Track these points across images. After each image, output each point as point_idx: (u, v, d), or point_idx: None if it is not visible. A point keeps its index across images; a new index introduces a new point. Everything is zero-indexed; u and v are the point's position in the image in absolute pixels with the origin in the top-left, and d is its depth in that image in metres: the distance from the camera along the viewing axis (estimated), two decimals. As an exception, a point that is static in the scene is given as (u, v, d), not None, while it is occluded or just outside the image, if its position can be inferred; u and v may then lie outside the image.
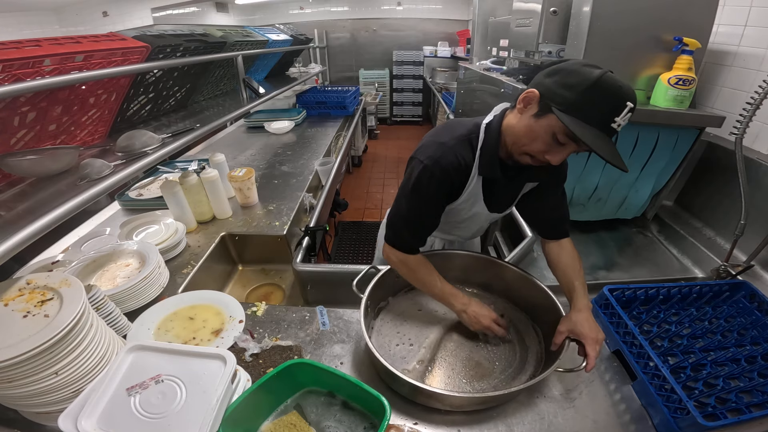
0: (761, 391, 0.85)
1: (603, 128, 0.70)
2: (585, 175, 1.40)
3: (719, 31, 1.36)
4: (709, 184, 1.45)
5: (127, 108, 1.43)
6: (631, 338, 0.92)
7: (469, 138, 0.88)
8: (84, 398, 0.72)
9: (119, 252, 1.21)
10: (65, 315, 0.71)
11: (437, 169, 0.85)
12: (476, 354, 0.97)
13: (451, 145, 0.87)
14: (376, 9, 5.67)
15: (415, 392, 0.82)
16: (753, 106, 1.07)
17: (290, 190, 1.87)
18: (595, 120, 0.69)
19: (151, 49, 1.26)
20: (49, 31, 4.62)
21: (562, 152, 0.76)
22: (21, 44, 0.88)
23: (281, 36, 2.73)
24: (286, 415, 0.79)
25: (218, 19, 5.15)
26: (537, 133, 0.76)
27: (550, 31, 1.40)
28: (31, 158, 0.97)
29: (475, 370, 0.93)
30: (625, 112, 0.68)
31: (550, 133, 0.74)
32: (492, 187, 0.94)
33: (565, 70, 0.72)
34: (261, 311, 1.10)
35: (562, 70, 0.72)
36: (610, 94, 0.68)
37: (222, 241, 1.51)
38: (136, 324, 1.02)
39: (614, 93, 0.68)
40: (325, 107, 3.46)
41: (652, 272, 1.34)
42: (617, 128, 0.69)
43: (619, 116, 0.68)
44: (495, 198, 0.97)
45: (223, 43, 1.82)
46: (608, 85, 0.68)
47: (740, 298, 1.10)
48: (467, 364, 0.94)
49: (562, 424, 0.80)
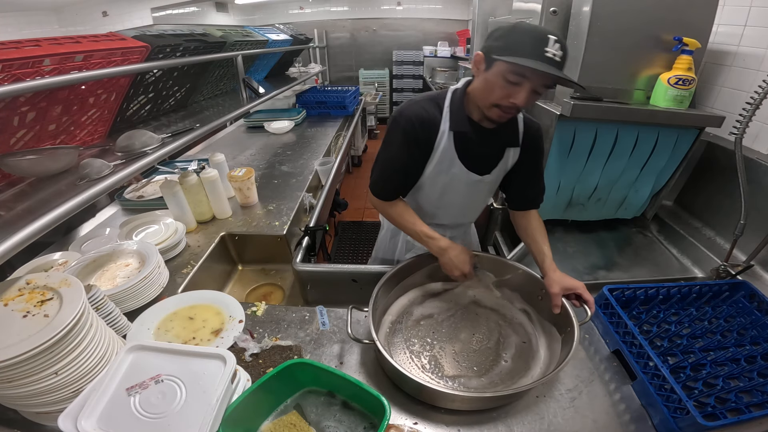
0: (761, 391, 0.85)
1: (540, 58, 0.79)
2: (585, 175, 1.40)
3: (719, 31, 1.36)
4: (709, 184, 1.45)
5: (127, 108, 1.43)
6: (631, 338, 0.92)
7: (436, 98, 0.99)
8: (84, 398, 0.72)
9: (119, 252, 1.21)
10: (65, 315, 0.71)
11: (402, 118, 0.96)
12: (484, 350, 0.97)
13: (418, 100, 0.99)
14: (376, 9, 5.67)
15: (421, 391, 0.82)
16: (753, 106, 1.07)
17: (290, 190, 1.87)
18: (528, 53, 0.79)
19: (151, 49, 1.26)
20: (49, 31, 4.61)
21: (520, 91, 0.84)
22: (21, 44, 0.88)
23: (281, 36, 2.73)
24: (286, 415, 0.79)
25: (218, 19, 5.15)
26: (492, 82, 0.86)
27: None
28: (31, 158, 0.97)
29: (482, 367, 0.93)
30: (553, 43, 0.78)
31: (501, 77, 0.84)
32: (466, 144, 1.00)
33: (494, 30, 0.87)
34: (261, 311, 1.10)
35: (493, 32, 0.87)
36: (528, 31, 0.82)
37: (222, 241, 1.51)
38: (136, 324, 1.02)
39: (531, 30, 0.82)
40: (324, 107, 3.46)
41: (651, 272, 1.34)
42: (554, 57, 0.79)
43: (548, 46, 0.78)
44: (471, 155, 1.02)
45: (223, 43, 1.82)
46: (524, 26, 0.84)
47: (740, 298, 1.10)
48: (474, 360, 0.94)
49: (562, 424, 0.81)
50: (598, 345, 1.01)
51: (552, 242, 1.48)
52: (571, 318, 0.90)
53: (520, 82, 0.83)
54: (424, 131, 0.97)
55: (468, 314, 1.09)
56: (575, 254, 1.43)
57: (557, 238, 1.54)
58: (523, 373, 0.92)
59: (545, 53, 0.78)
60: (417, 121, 0.96)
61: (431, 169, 1.03)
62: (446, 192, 1.09)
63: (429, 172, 1.04)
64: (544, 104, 1.37)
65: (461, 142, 1.00)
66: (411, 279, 1.14)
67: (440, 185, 1.07)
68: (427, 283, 1.18)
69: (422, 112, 0.96)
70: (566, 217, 1.56)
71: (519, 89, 0.83)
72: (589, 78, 1.21)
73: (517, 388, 0.80)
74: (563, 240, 1.52)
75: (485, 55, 0.86)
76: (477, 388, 0.88)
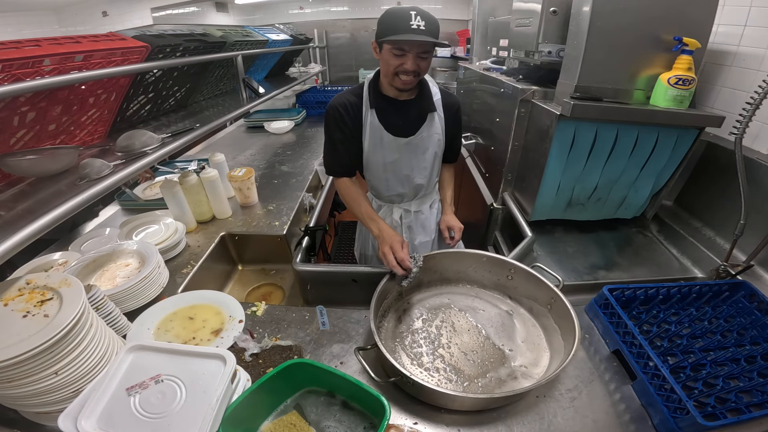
0: (761, 390, 0.85)
1: (407, 31, 1.01)
2: (585, 175, 1.40)
3: (719, 31, 1.36)
4: (709, 184, 1.45)
5: (127, 108, 1.43)
6: (631, 338, 0.92)
7: (354, 90, 1.25)
8: (84, 398, 0.72)
9: (119, 252, 1.21)
10: (65, 315, 0.71)
11: (329, 108, 1.23)
12: (487, 350, 0.97)
13: (342, 94, 1.25)
14: (376, 9, 5.65)
15: (421, 391, 0.82)
16: (753, 106, 1.07)
17: (290, 190, 1.87)
18: (400, 30, 1.01)
19: (151, 48, 1.26)
20: (49, 31, 4.61)
21: (406, 58, 1.07)
22: (21, 44, 0.88)
23: (281, 36, 2.73)
24: (286, 415, 0.79)
25: (218, 19, 5.14)
26: (386, 59, 1.10)
27: (550, 31, 1.40)
28: (31, 158, 0.97)
29: (485, 363, 0.93)
30: (415, 17, 1.00)
31: (389, 53, 1.08)
32: (388, 116, 1.23)
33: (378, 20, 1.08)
34: (261, 311, 1.10)
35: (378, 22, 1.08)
36: (395, 12, 1.03)
37: (222, 241, 1.51)
38: (136, 324, 1.02)
39: (397, 11, 1.02)
40: (324, 107, 3.44)
41: (651, 272, 1.33)
42: (419, 27, 1.01)
43: (412, 21, 1.00)
44: (394, 124, 1.24)
45: (223, 43, 1.82)
46: (392, 9, 1.04)
47: (740, 298, 1.10)
48: (477, 362, 0.94)
49: (562, 424, 0.80)
50: (598, 345, 1.01)
51: (552, 242, 1.50)
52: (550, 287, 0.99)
53: (403, 53, 1.06)
54: (348, 114, 1.22)
55: (468, 312, 1.09)
56: (575, 254, 1.43)
57: (557, 238, 1.54)
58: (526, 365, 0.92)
59: (410, 26, 1.00)
60: (341, 107, 1.21)
61: (367, 143, 1.26)
62: (386, 160, 1.29)
63: (366, 147, 1.27)
64: (544, 104, 1.37)
65: (384, 116, 1.22)
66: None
67: (380, 156, 1.28)
68: (426, 283, 1.18)
69: (343, 101, 1.22)
70: (566, 217, 1.56)
71: (405, 58, 1.07)
72: (589, 78, 1.21)
73: (517, 389, 0.80)
74: (563, 240, 1.52)
75: (376, 42, 1.11)
76: (479, 385, 0.89)
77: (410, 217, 1.44)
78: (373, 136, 1.24)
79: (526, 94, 1.45)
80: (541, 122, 1.40)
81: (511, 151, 1.56)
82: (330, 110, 1.22)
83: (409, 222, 1.45)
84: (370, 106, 1.21)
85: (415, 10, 1.00)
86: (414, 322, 1.07)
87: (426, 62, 1.10)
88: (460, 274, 1.19)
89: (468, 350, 0.98)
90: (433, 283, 1.19)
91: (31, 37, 0.95)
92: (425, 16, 1.02)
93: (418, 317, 1.08)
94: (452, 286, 1.20)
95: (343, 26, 5.80)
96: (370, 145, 1.26)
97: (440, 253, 1.15)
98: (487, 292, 1.18)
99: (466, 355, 0.97)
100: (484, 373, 0.92)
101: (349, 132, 1.24)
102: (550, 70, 1.51)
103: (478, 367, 0.94)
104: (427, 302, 1.14)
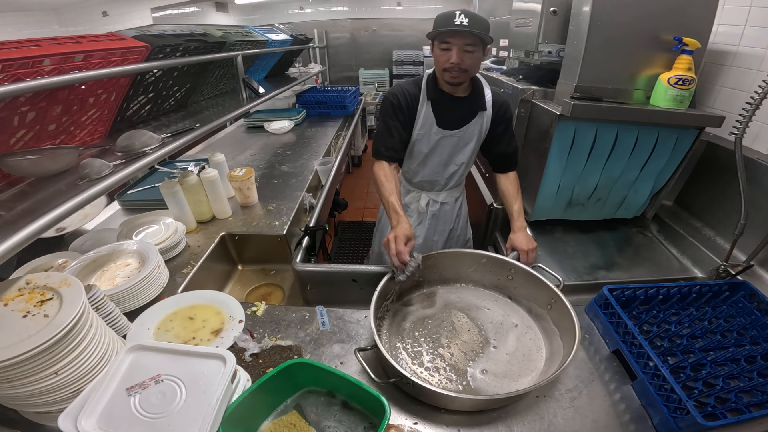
0: (761, 390, 0.85)
1: (451, 26, 1.10)
2: (585, 175, 1.40)
3: (719, 31, 1.36)
4: (709, 184, 1.45)
5: (127, 108, 1.43)
6: (631, 338, 0.92)
7: (415, 81, 1.34)
8: (84, 398, 0.72)
9: (119, 252, 1.21)
10: (65, 315, 0.71)
11: (388, 94, 1.32)
12: (487, 351, 0.97)
13: (401, 83, 1.34)
14: (376, 9, 5.66)
15: (422, 392, 0.82)
16: (753, 106, 1.07)
17: (290, 190, 1.87)
18: (443, 25, 1.12)
19: (151, 48, 1.26)
20: (49, 31, 4.61)
21: (451, 53, 1.15)
22: (20, 44, 0.88)
23: (281, 36, 2.73)
24: (286, 415, 0.79)
25: (218, 19, 5.15)
26: (436, 54, 1.20)
27: (550, 31, 1.40)
28: (31, 158, 0.97)
29: (484, 362, 0.93)
30: (459, 15, 1.10)
31: (438, 48, 1.19)
32: (442, 110, 1.32)
33: None
34: (261, 311, 1.10)
35: None
36: (444, 13, 1.13)
37: (222, 241, 1.51)
38: (136, 324, 1.02)
39: (446, 13, 1.13)
40: (324, 107, 3.45)
41: (651, 272, 1.33)
42: (462, 23, 1.09)
43: (456, 18, 1.09)
44: (445, 118, 1.32)
45: (223, 43, 1.82)
46: (443, 12, 1.14)
47: (740, 298, 1.10)
48: (476, 356, 0.94)
49: (562, 424, 0.80)
50: (598, 345, 1.01)
51: (552, 242, 1.50)
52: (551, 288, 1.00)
53: (449, 47, 1.15)
54: (406, 101, 1.29)
55: (468, 312, 1.09)
56: (575, 254, 1.43)
57: (557, 238, 1.54)
58: (525, 364, 0.93)
59: (454, 23, 1.10)
60: (401, 96, 1.30)
61: (417, 131, 1.34)
62: (430, 149, 1.38)
63: (415, 135, 1.35)
64: (544, 104, 1.37)
65: (438, 109, 1.31)
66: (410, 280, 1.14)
67: (425, 144, 1.37)
68: (426, 283, 1.18)
69: (402, 90, 1.31)
70: (566, 217, 1.56)
71: (450, 52, 1.15)
72: (589, 78, 1.21)
73: (517, 390, 0.80)
74: (563, 240, 1.52)
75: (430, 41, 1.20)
76: (480, 385, 0.89)
77: (436, 207, 1.53)
78: (424, 126, 1.33)
79: (526, 94, 1.45)
80: (541, 122, 1.40)
81: (510, 151, 1.56)
82: (389, 96, 1.31)
83: (435, 211, 1.54)
84: (427, 98, 1.30)
85: (460, 10, 1.10)
86: (414, 322, 1.07)
87: (471, 56, 1.16)
88: (460, 274, 1.19)
89: (468, 350, 0.98)
90: (433, 283, 1.19)
91: (31, 37, 0.95)
92: (470, 15, 1.09)
93: (418, 317, 1.08)
94: (452, 286, 1.20)
95: (343, 26, 5.80)
96: (419, 134, 1.35)
97: (440, 253, 1.15)
98: (487, 292, 1.18)
99: (466, 355, 0.97)
100: (486, 369, 0.92)
101: (404, 119, 1.31)
102: (550, 70, 1.51)
103: (478, 363, 0.93)
104: (428, 302, 1.14)
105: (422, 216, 1.55)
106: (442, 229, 1.59)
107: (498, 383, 0.90)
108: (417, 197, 1.54)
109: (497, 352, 0.98)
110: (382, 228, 1.70)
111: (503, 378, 0.91)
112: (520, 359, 0.97)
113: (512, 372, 0.93)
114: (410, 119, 1.32)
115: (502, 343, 1.01)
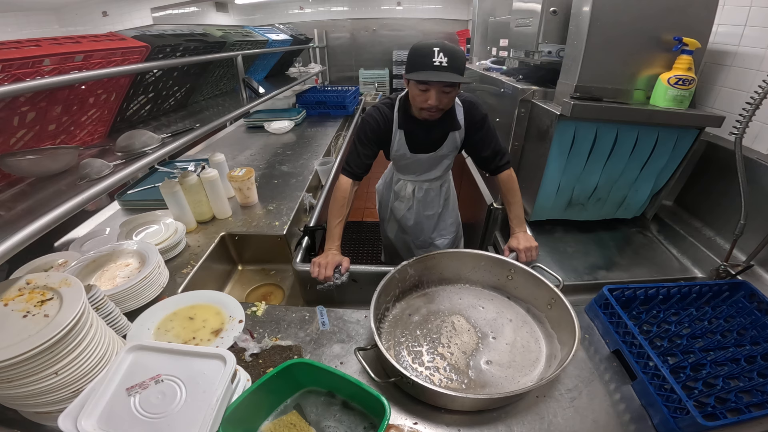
0: (761, 390, 0.85)
1: (430, 68, 1.06)
2: (585, 175, 1.40)
3: (719, 31, 1.36)
4: (709, 184, 1.44)
5: (127, 108, 1.43)
6: (631, 338, 0.92)
7: (389, 104, 1.34)
8: (84, 398, 0.72)
9: (119, 252, 1.21)
10: (65, 315, 0.71)
11: (368, 116, 1.33)
12: (488, 349, 0.97)
13: (378, 105, 1.35)
14: (376, 9, 5.66)
15: (422, 392, 0.82)
16: (753, 105, 1.07)
17: (290, 190, 1.87)
18: (423, 66, 1.07)
19: (151, 48, 1.26)
20: (49, 31, 4.61)
21: (428, 94, 1.14)
22: (20, 44, 0.88)
23: (281, 36, 2.73)
24: (286, 415, 0.79)
25: (218, 19, 5.14)
26: (413, 94, 1.19)
27: (550, 31, 1.40)
28: (31, 158, 0.97)
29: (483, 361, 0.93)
30: (437, 53, 1.04)
31: (415, 88, 1.15)
32: (414, 137, 1.36)
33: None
34: (261, 311, 1.10)
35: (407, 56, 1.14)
36: (419, 48, 1.08)
37: (222, 241, 1.51)
38: (136, 324, 1.02)
39: (422, 47, 1.07)
40: (324, 107, 3.45)
41: (651, 272, 1.33)
42: (442, 64, 1.05)
43: (434, 57, 1.04)
44: (418, 143, 1.38)
45: (223, 43, 1.82)
46: (418, 45, 1.09)
47: (740, 298, 1.10)
48: (477, 356, 0.94)
49: (562, 424, 0.81)
50: (598, 345, 1.01)
51: (552, 242, 1.50)
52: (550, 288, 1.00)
53: (427, 89, 1.13)
54: (386, 125, 1.32)
55: (468, 312, 1.09)
56: (575, 254, 1.43)
57: (557, 238, 1.54)
58: (526, 355, 0.93)
59: (433, 63, 1.05)
60: (380, 118, 1.31)
61: (393, 152, 1.41)
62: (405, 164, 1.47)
63: (392, 154, 1.44)
64: (544, 104, 1.37)
65: (410, 137, 1.36)
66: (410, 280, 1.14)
67: (400, 160, 1.46)
68: (426, 283, 1.18)
69: (382, 113, 1.31)
70: (566, 217, 1.56)
71: (429, 94, 1.13)
72: (589, 78, 1.21)
73: (517, 390, 0.80)
74: (563, 240, 1.52)
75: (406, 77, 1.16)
76: (485, 376, 0.89)
77: (422, 192, 1.59)
78: (399, 150, 1.40)
79: (526, 94, 1.45)
80: (541, 122, 1.40)
81: (510, 151, 1.56)
82: (368, 118, 1.32)
83: (420, 197, 1.60)
84: (398, 126, 1.33)
85: (438, 46, 1.05)
86: (414, 322, 1.07)
87: (449, 96, 1.15)
88: (459, 274, 1.19)
89: (468, 350, 0.98)
90: (433, 283, 1.19)
91: (31, 37, 0.95)
92: (448, 52, 1.05)
93: (419, 317, 1.08)
94: (452, 286, 1.20)
95: (343, 26, 5.80)
96: (396, 155, 1.42)
97: (440, 253, 1.15)
98: (486, 292, 1.18)
99: (466, 354, 0.97)
100: (486, 369, 0.92)
101: (378, 140, 1.35)
102: (550, 70, 1.51)
103: (478, 363, 0.93)
104: (427, 302, 1.14)
105: (410, 201, 1.63)
106: (429, 213, 1.65)
107: (503, 373, 0.90)
108: (404, 185, 1.61)
109: (497, 342, 0.99)
110: (388, 218, 1.78)
111: (507, 368, 0.92)
112: (521, 350, 0.97)
113: (515, 363, 0.94)
114: (386, 140, 1.37)
115: (500, 334, 1.02)
